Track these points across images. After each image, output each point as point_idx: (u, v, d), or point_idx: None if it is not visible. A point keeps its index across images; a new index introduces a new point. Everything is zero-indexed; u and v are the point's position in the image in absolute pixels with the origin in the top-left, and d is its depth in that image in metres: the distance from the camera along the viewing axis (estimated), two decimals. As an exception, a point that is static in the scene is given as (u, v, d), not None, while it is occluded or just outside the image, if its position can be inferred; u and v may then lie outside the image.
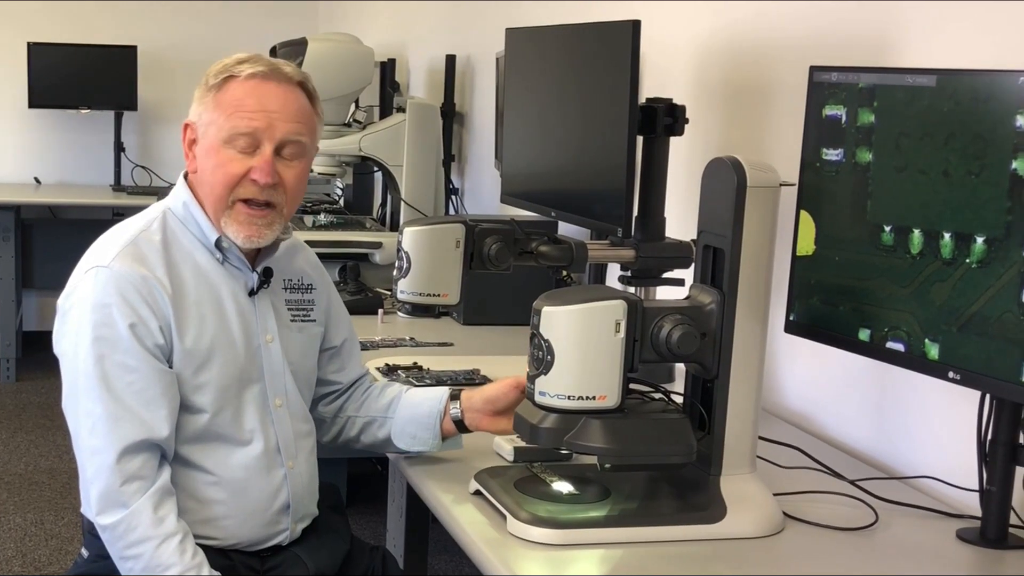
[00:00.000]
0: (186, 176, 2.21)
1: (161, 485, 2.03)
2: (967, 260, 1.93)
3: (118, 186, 7.00)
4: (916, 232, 2.02)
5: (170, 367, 2.08)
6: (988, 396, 2.02)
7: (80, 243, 2.19)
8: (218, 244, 2.15)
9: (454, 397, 2.29)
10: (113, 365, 2.03)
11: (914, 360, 2.04)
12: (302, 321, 2.28)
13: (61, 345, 2.10)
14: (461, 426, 2.28)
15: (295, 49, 4.18)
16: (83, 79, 6.92)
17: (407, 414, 2.31)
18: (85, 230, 2.34)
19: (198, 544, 2.06)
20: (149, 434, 2.03)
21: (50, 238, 6.85)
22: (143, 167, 7.06)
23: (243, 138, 2.10)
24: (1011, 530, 2.04)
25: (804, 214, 2.22)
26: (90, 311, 2.04)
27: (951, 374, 1.97)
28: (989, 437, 2.03)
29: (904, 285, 2.04)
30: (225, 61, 2.15)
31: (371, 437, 2.36)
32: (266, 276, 2.20)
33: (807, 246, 2.22)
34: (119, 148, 7.05)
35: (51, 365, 2.18)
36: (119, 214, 6.22)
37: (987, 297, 1.90)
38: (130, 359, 2.03)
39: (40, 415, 5.75)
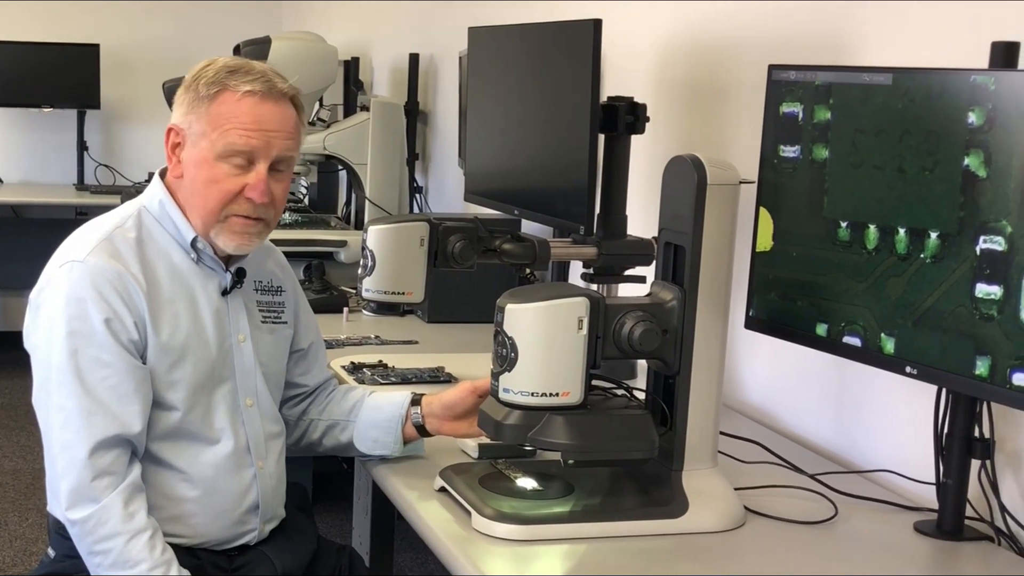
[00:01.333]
0: (162, 174, 2.20)
1: (132, 481, 2.03)
2: (921, 255, 1.95)
3: (81, 185, 6.97)
4: (872, 228, 2.05)
5: (144, 363, 2.07)
6: (944, 390, 2.06)
7: (44, 242, 2.19)
8: (193, 244, 2.15)
9: (415, 402, 2.30)
10: (87, 359, 2.03)
11: (871, 355, 2.07)
12: (273, 323, 2.29)
13: (32, 339, 2.10)
14: (423, 431, 2.29)
15: (259, 48, 4.17)
16: (45, 77, 6.88)
17: (369, 418, 2.32)
18: (48, 229, 2.33)
19: (167, 542, 2.06)
20: (122, 430, 2.02)
21: (13, 237, 6.81)
22: (106, 166, 7.03)
23: (239, 155, 2.09)
24: (967, 522, 2.07)
25: (763, 211, 2.25)
26: (64, 305, 2.04)
27: (908, 369, 2.00)
28: (945, 431, 2.06)
29: (860, 280, 2.07)
30: (215, 66, 2.12)
31: (333, 440, 2.36)
32: (239, 276, 2.20)
33: (766, 242, 2.24)
34: (82, 147, 7.02)
35: (14, 365, 2.18)
36: (82, 213, 6.20)
37: (941, 291, 1.92)
38: (104, 354, 2.03)
39: (3, 415, 5.72)
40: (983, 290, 1.85)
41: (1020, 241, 1.80)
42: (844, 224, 2.08)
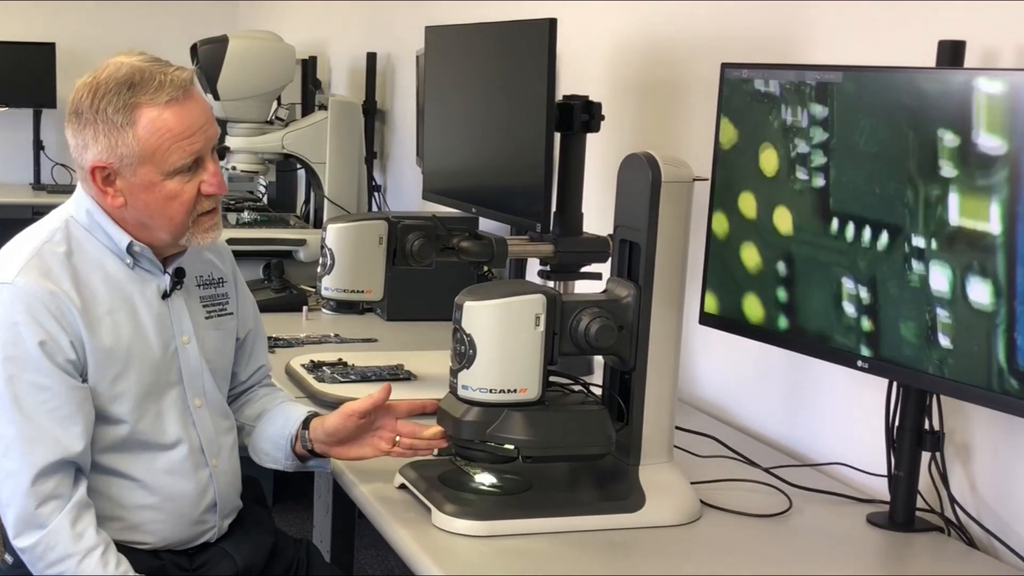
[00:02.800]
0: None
1: (78, 500, 2.00)
2: (876, 249, 1.98)
3: (38, 184, 6.94)
4: (817, 223, 2.07)
5: (84, 381, 2.04)
6: (895, 383, 2.09)
7: (0, 242, 2.16)
8: (129, 249, 2.10)
9: (308, 424, 2.24)
10: (24, 385, 1.99)
11: (822, 348, 2.10)
12: (218, 316, 2.25)
13: None
14: (315, 453, 2.24)
15: (216, 47, 4.17)
16: (1, 76, 6.84)
17: (264, 430, 2.29)
18: (4, 229, 2.33)
19: (129, 547, 2.06)
20: (64, 453, 1.99)
21: (-32, 238, 6.77)
22: (63, 165, 6.99)
23: (187, 165, 2.05)
24: (918, 513, 2.11)
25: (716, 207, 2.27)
26: None
27: (859, 363, 2.03)
28: (896, 424, 2.09)
29: (813, 275, 2.10)
30: (105, 89, 2.02)
31: (240, 442, 2.33)
32: (178, 277, 2.17)
33: (720, 239, 2.27)
34: (38, 146, 6.99)
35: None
36: (39, 213, 6.13)
37: (893, 285, 1.95)
38: (41, 377, 1.99)
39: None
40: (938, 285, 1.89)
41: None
42: (795, 220, 2.12)
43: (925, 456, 2.09)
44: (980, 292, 1.82)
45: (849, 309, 2.03)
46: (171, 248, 2.16)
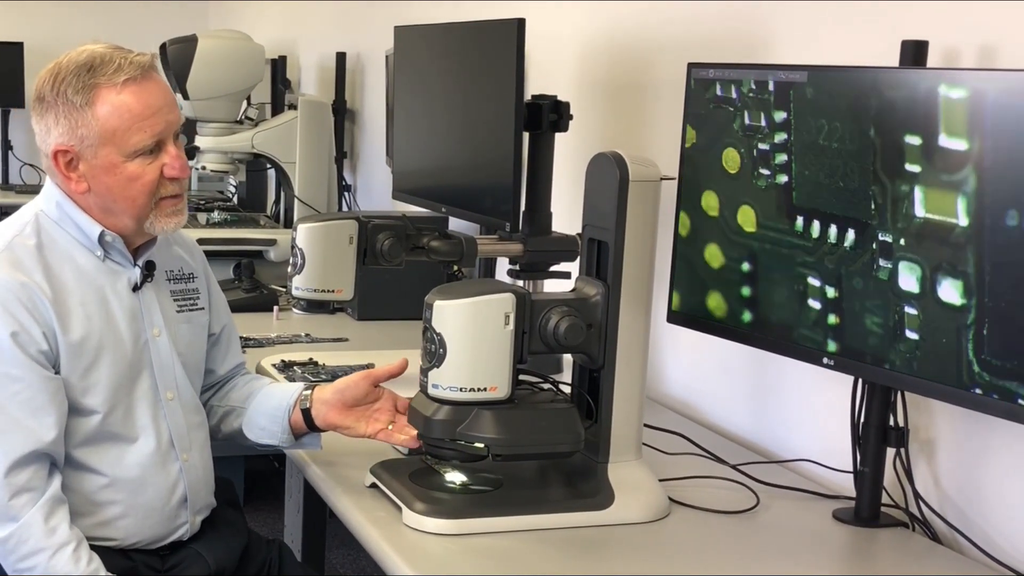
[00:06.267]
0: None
1: (52, 494, 2.00)
2: (844, 246, 2.00)
3: (6, 185, 6.90)
4: (788, 220, 2.09)
5: (57, 372, 2.04)
6: (860, 380, 2.11)
7: (-32, 243, 2.16)
8: (101, 239, 2.11)
9: (308, 389, 2.27)
10: None
11: (788, 346, 2.12)
12: (189, 311, 2.26)
13: None
14: (310, 420, 2.24)
15: (185, 46, 4.16)
16: (-32, 77, 6.82)
17: (260, 406, 2.30)
18: (-26, 231, 2.33)
19: (98, 546, 2.06)
20: (37, 444, 2.00)
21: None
22: (31, 165, 6.96)
23: (148, 147, 2.07)
24: (883, 509, 2.12)
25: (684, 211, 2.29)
26: None
27: (825, 360, 2.05)
28: (862, 420, 2.11)
29: (778, 272, 2.11)
30: (65, 73, 2.06)
31: (229, 427, 2.34)
32: (148, 270, 2.18)
33: (686, 238, 2.28)
34: (6, 146, 6.95)
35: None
36: (6, 213, 6.11)
37: (858, 283, 1.97)
38: (13, 369, 2.00)
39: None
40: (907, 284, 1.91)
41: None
42: (758, 218, 2.14)
43: (890, 452, 2.11)
44: (950, 291, 1.84)
45: (814, 306, 2.05)
46: (138, 237, 2.16)
